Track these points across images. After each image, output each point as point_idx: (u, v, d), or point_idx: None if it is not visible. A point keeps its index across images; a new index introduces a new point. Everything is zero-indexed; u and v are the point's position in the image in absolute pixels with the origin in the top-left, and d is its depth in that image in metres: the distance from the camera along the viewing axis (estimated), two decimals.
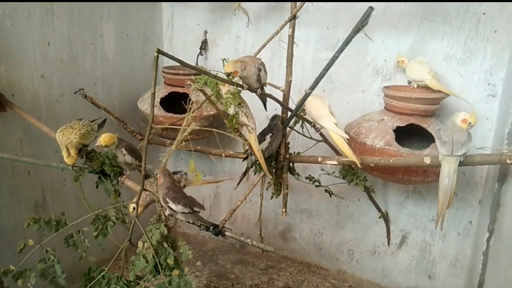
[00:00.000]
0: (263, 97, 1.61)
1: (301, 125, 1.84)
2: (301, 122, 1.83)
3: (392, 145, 1.82)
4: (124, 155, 1.63)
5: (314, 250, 2.70)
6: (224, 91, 1.51)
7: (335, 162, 1.75)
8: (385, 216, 2.32)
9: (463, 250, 2.26)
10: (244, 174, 1.82)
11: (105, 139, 1.58)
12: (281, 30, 1.75)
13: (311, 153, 1.86)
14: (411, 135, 1.99)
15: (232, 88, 1.49)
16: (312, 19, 2.28)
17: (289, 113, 1.75)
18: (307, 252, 2.72)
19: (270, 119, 1.79)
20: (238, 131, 1.64)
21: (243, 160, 1.83)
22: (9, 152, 1.85)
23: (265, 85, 1.60)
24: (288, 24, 1.69)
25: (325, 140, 1.87)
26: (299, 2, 1.69)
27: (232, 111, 1.56)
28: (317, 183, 2.00)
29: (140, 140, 2.06)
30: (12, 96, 1.86)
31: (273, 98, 1.62)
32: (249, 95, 1.59)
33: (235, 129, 1.62)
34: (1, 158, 1.77)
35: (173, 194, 1.43)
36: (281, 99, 1.71)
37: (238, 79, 1.47)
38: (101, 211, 1.50)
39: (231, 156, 1.92)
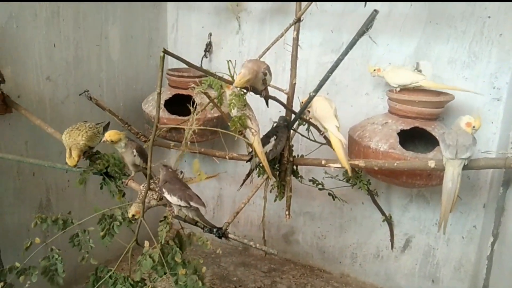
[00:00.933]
0: (267, 98, 1.61)
1: (307, 129, 1.83)
2: (307, 126, 1.83)
3: (396, 149, 1.81)
4: (134, 156, 1.62)
5: (317, 253, 2.69)
6: (229, 93, 1.52)
7: (339, 165, 1.74)
8: (389, 220, 2.32)
9: (467, 255, 2.25)
10: (248, 176, 1.82)
11: (111, 135, 1.58)
12: (286, 33, 1.76)
13: (315, 156, 1.86)
14: (415, 139, 1.99)
15: (237, 90, 1.49)
16: (317, 22, 2.28)
17: (293, 116, 1.75)
18: (310, 255, 2.72)
19: (278, 120, 1.79)
20: (242, 134, 1.64)
21: (247, 162, 1.83)
22: (15, 153, 1.86)
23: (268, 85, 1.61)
24: (293, 27, 1.69)
25: (329, 143, 1.87)
26: (304, 5, 1.69)
27: (235, 113, 1.56)
28: (321, 186, 2.00)
29: (145, 142, 2.06)
30: (18, 98, 1.88)
31: (277, 101, 1.62)
32: (252, 98, 1.59)
33: (239, 132, 1.62)
34: (7, 159, 1.78)
35: (170, 186, 1.44)
36: (285, 102, 1.71)
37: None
38: (107, 211, 1.50)
39: (235, 159, 1.93)
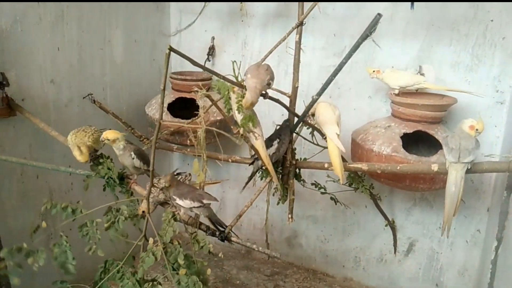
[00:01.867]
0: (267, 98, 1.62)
1: (311, 132, 1.83)
2: (311, 130, 1.83)
3: (399, 152, 1.81)
4: (133, 159, 1.63)
5: (320, 257, 2.68)
6: (234, 96, 1.52)
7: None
8: (392, 225, 2.31)
9: (471, 259, 2.23)
10: (250, 179, 1.82)
11: (108, 133, 1.58)
12: (288, 37, 1.76)
13: (317, 160, 1.86)
14: (418, 142, 1.98)
15: (242, 92, 1.50)
16: (319, 26, 2.28)
17: (296, 119, 1.75)
18: (313, 259, 2.71)
19: (283, 123, 1.79)
20: (245, 136, 1.64)
21: (250, 165, 1.83)
22: (18, 156, 1.87)
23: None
24: (295, 31, 1.70)
25: None
26: (306, 8, 1.70)
27: (240, 117, 1.56)
28: (323, 190, 2.00)
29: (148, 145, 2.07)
30: (22, 101, 1.89)
31: (280, 103, 1.62)
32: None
33: (242, 135, 1.62)
34: (10, 162, 1.79)
35: (178, 192, 1.47)
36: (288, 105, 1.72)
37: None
38: (114, 203, 1.51)
39: (238, 162, 1.93)
